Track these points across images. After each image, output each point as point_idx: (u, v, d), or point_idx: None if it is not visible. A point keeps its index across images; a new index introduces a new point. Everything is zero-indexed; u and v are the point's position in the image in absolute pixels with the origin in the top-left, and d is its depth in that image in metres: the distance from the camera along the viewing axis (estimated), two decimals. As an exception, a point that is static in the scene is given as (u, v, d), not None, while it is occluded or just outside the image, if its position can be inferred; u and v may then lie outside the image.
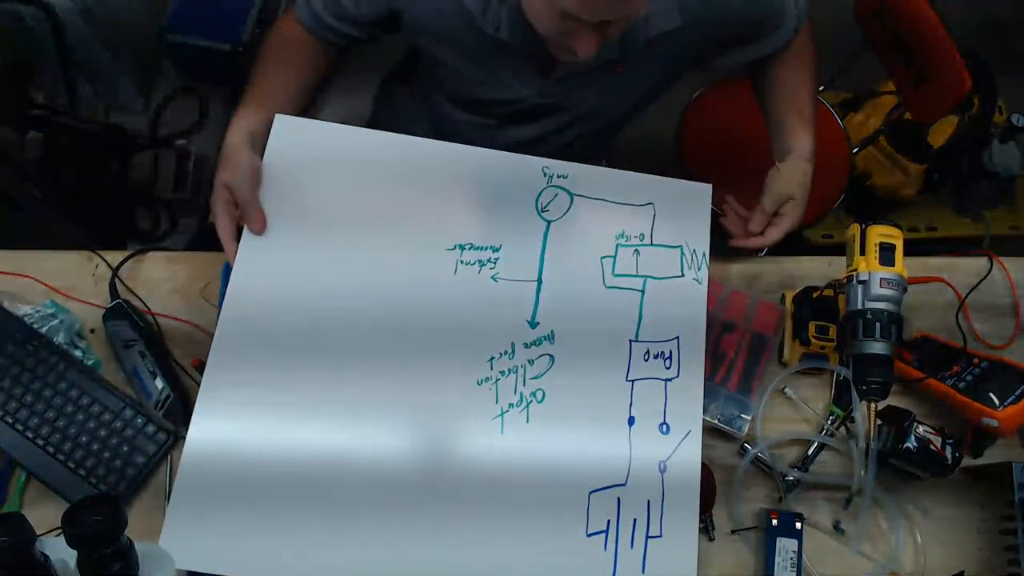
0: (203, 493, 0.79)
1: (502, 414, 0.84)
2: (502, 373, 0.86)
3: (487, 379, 0.85)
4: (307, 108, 1.01)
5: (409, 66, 1.18)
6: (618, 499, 0.82)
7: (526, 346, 0.87)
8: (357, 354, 0.85)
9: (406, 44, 1.17)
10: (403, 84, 1.20)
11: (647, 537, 0.81)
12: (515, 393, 0.85)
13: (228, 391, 0.82)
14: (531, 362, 0.87)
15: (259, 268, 0.87)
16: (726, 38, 0.99)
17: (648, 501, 0.82)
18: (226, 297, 0.85)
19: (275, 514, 0.79)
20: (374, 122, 1.28)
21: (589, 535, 0.81)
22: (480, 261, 0.90)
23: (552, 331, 0.88)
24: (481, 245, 0.91)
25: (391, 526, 0.79)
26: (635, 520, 0.82)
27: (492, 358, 0.86)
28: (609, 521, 0.81)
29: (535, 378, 0.86)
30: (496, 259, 0.90)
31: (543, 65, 0.94)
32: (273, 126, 0.92)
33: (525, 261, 0.91)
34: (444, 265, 0.90)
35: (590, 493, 0.82)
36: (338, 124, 0.95)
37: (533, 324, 0.88)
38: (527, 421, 0.84)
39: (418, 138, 0.94)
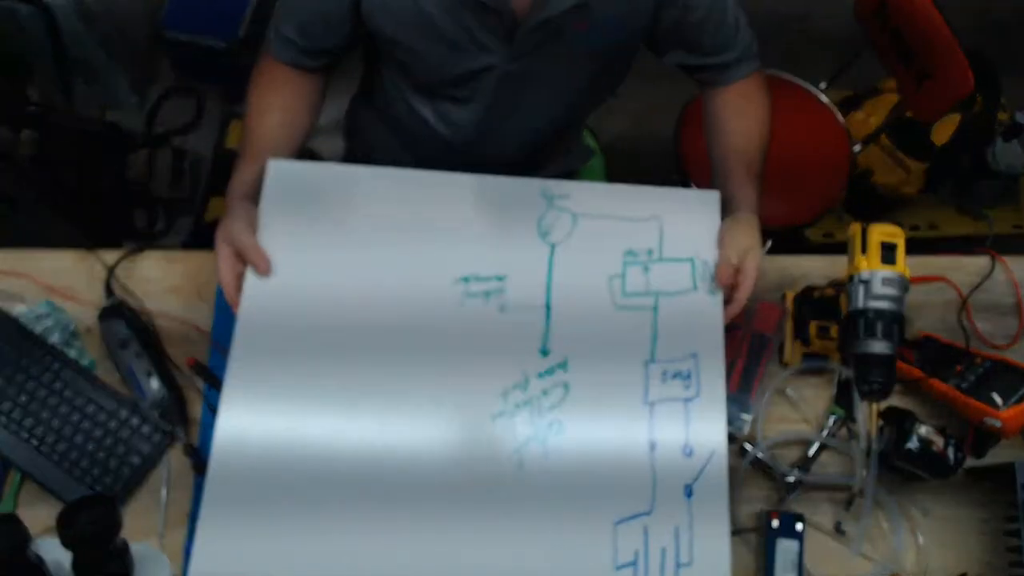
0: (224, 529, 0.77)
1: (519, 449, 0.82)
2: (517, 406, 0.83)
3: (502, 413, 0.83)
4: (306, 143, 1.01)
5: (367, 87, 1.18)
6: (645, 528, 0.80)
7: (539, 376, 0.85)
8: (367, 393, 0.83)
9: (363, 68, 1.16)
10: (366, 100, 1.20)
11: (677, 565, 0.79)
12: (531, 426, 0.83)
13: (241, 427, 0.80)
14: (546, 392, 0.84)
15: (265, 310, 0.85)
16: (672, 21, 0.96)
17: (676, 528, 0.80)
18: (234, 337, 0.83)
19: (291, 552, 0.77)
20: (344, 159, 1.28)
21: (618, 568, 0.78)
22: (486, 292, 0.87)
23: (565, 359, 0.85)
24: (486, 276, 0.88)
25: (410, 570, 0.77)
26: (664, 549, 0.79)
27: (506, 391, 0.84)
28: (637, 552, 0.79)
29: (551, 409, 0.83)
30: (502, 288, 0.88)
31: (508, 28, 0.92)
32: (266, 171, 0.90)
33: (532, 288, 0.88)
34: (450, 299, 0.87)
35: (616, 524, 0.80)
36: (331, 163, 0.94)
37: (545, 353, 0.86)
38: (546, 455, 0.82)
39: (413, 170, 0.92)
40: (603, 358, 0.86)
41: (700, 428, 0.83)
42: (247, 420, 0.80)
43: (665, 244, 0.91)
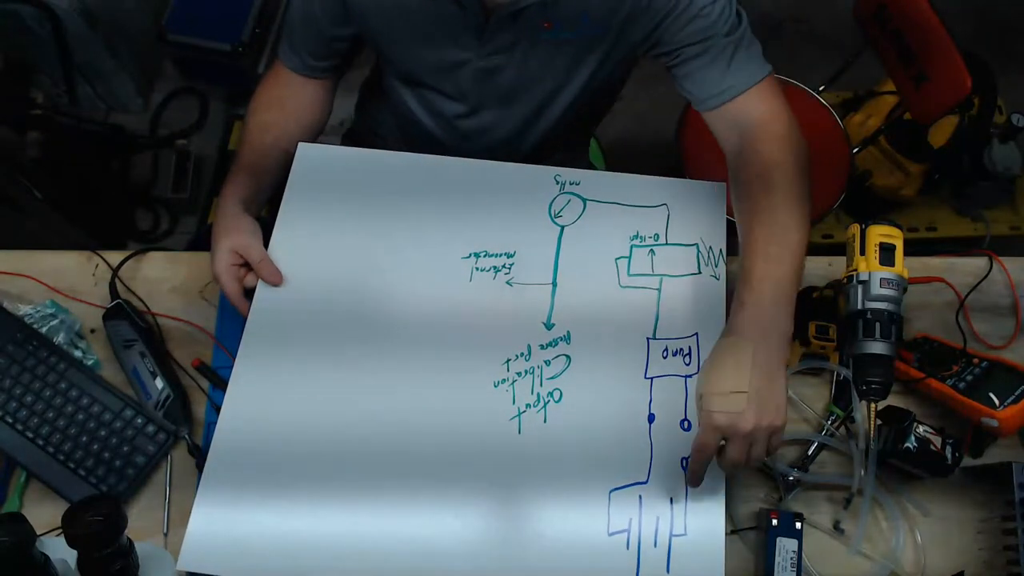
0: (223, 514, 0.79)
1: (519, 415, 0.84)
2: (519, 374, 0.86)
3: (503, 380, 0.85)
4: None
5: (377, 71, 1.19)
6: (640, 497, 0.81)
7: (542, 347, 0.87)
8: (374, 361, 0.86)
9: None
10: (373, 91, 1.21)
11: (671, 535, 0.80)
12: (532, 394, 0.85)
13: (250, 405, 0.83)
14: (547, 363, 0.87)
15: (280, 288, 0.90)
16: (650, 20, 0.91)
17: (671, 499, 0.81)
18: (250, 314, 0.87)
19: (295, 519, 0.79)
20: (352, 129, 1.30)
21: (611, 534, 0.80)
22: (495, 267, 0.91)
23: (568, 332, 0.88)
24: (496, 252, 0.92)
25: (410, 528, 0.79)
26: (658, 518, 0.80)
27: (508, 360, 0.86)
28: (631, 519, 0.80)
29: (552, 378, 0.86)
30: (511, 264, 0.91)
31: (478, 24, 0.92)
32: (296, 154, 0.98)
33: (540, 265, 0.92)
34: (459, 273, 0.91)
35: (610, 491, 0.81)
36: (355, 148, 1.00)
37: (549, 326, 0.89)
38: (545, 421, 0.84)
39: (432, 156, 0.97)
40: (606, 333, 0.88)
41: None
42: (253, 398, 0.83)
43: (671, 230, 0.94)
